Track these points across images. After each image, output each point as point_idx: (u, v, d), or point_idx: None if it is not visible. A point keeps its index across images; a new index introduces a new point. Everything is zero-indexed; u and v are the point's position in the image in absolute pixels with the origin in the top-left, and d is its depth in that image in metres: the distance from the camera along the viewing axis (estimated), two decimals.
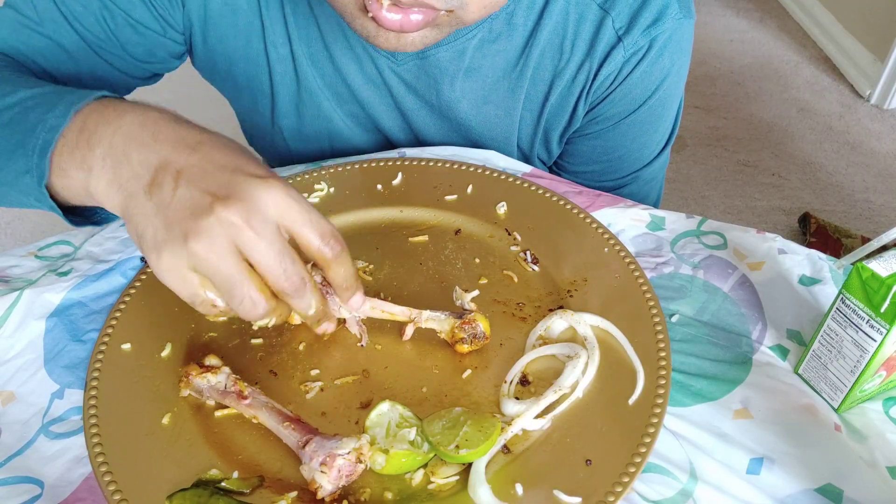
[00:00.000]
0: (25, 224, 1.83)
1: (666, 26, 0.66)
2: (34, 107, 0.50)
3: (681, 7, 0.66)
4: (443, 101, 0.72)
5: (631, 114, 0.72)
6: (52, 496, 0.46)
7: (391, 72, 0.70)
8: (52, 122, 0.47)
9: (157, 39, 0.69)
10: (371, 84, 0.72)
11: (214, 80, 0.77)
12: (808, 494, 0.45)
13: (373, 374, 0.52)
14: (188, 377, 0.50)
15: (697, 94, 2.29)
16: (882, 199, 1.92)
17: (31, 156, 0.47)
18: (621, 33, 0.66)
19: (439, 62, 0.68)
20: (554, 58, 0.69)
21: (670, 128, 0.77)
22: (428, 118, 0.74)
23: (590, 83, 0.69)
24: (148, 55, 0.70)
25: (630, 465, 0.45)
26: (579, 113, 0.72)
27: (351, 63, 0.70)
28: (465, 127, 0.74)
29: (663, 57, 0.68)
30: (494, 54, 0.69)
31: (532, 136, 0.75)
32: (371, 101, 0.73)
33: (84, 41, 0.66)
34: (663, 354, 0.52)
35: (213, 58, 0.73)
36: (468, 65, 0.69)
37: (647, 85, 0.70)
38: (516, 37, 0.68)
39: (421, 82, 0.71)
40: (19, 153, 0.48)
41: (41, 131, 0.47)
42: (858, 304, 0.47)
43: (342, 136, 0.77)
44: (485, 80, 0.71)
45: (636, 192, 0.80)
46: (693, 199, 1.93)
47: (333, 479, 0.43)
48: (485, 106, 0.72)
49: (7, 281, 0.60)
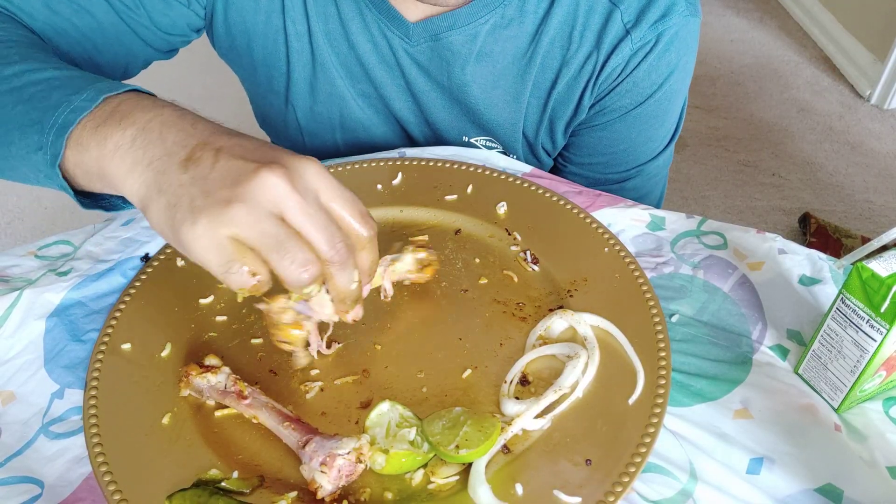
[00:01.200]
0: (25, 224, 1.83)
1: (673, 22, 0.67)
2: (60, 87, 0.49)
3: (688, 5, 0.67)
4: (454, 83, 0.73)
5: (637, 107, 0.73)
6: (52, 496, 0.46)
7: (405, 53, 0.71)
8: (78, 104, 0.47)
9: (181, 10, 0.70)
10: (384, 64, 0.73)
11: (231, 56, 0.78)
12: (808, 494, 0.45)
13: (373, 374, 0.52)
14: (188, 377, 0.50)
15: (697, 94, 2.29)
16: (882, 199, 1.92)
17: (47, 133, 0.47)
18: (629, 27, 0.67)
19: (452, 45, 0.69)
20: (563, 47, 0.70)
21: (675, 124, 0.78)
22: (438, 100, 0.75)
23: (596, 74, 0.70)
24: (171, 26, 0.71)
25: (630, 465, 0.45)
26: (585, 103, 0.73)
27: (366, 42, 0.71)
28: (473, 110, 0.75)
29: (669, 52, 0.69)
30: (506, 40, 0.70)
31: (538, 124, 0.76)
32: (383, 81, 0.74)
33: (113, 8, 0.66)
34: (663, 354, 0.52)
35: (231, 33, 0.73)
36: (480, 49, 0.70)
37: (653, 79, 0.70)
38: (527, 24, 0.69)
39: (433, 64, 0.72)
40: (35, 129, 0.48)
41: (64, 111, 0.47)
42: (858, 304, 0.47)
43: (353, 116, 0.78)
44: (495, 65, 0.71)
45: (640, 187, 0.80)
46: (693, 199, 1.93)
47: (333, 478, 0.43)
48: (494, 90, 0.73)
49: (7, 281, 0.60)
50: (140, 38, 0.70)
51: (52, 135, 0.46)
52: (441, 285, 0.59)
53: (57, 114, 0.47)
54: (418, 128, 0.78)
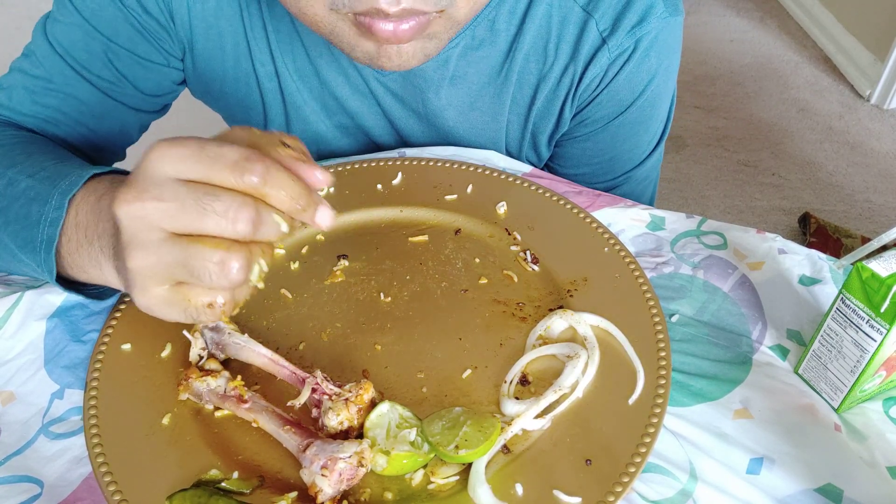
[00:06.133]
0: None
1: (651, 26, 0.65)
2: (34, 199, 0.51)
3: (666, 5, 0.65)
4: (429, 109, 0.72)
5: (619, 115, 0.71)
6: (52, 496, 0.46)
7: (377, 82, 0.70)
8: (52, 216, 0.49)
9: (162, 71, 0.70)
10: (358, 94, 0.72)
11: (208, 100, 0.78)
12: (808, 494, 0.45)
13: (373, 374, 0.52)
14: (187, 381, 0.50)
15: (697, 94, 2.29)
16: (882, 199, 1.92)
17: (38, 252, 0.49)
18: (605, 35, 0.65)
19: (423, 72, 0.68)
20: (538, 62, 0.68)
21: (662, 126, 0.76)
22: (416, 126, 0.74)
23: (575, 86, 0.69)
24: (157, 88, 0.71)
25: (630, 465, 0.45)
26: (566, 116, 0.72)
27: (337, 76, 0.71)
28: (452, 134, 0.74)
29: (649, 57, 0.67)
30: (478, 61, 0.69)
31: (520, 140, 0.75)
32: (359, 112, 0.73)
33: (96, 88, 0.67)
34: (663, 354, 0.52)
35: (204, 80, 0.73)
36: (453, 73, 0.69)
37: (634, 86, 0.69)
38: (500, 42, 0.68)
39: (407, 92, 0.71)
40: (29, 250, 0.50)
41: (44, 227, 0.49)
42: (858, 304, 0.47)
43: (331, 147, 0.78)
44: (470, 87, 0.70)
45: (629, 193, 0.80)
46: (693, 199, 1.93)
47: (334, 482, 0.43)
48: (471, 112, 0.72)
49: (9, 284, 0.60)
50: (131, 109, 0.70)
51: (42, 253, 0.49)
52: (441, 285, 0.59)
53: (40, 230, 0.49)
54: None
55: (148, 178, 0.39)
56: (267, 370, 0.51)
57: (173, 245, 0.39)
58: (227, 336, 0.52)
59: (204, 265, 0.39)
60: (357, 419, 0.47)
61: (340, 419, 0.46)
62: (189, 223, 0.39)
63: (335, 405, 0.47)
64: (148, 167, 0.39)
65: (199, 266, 0.39)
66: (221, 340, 0.52)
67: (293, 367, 0.50)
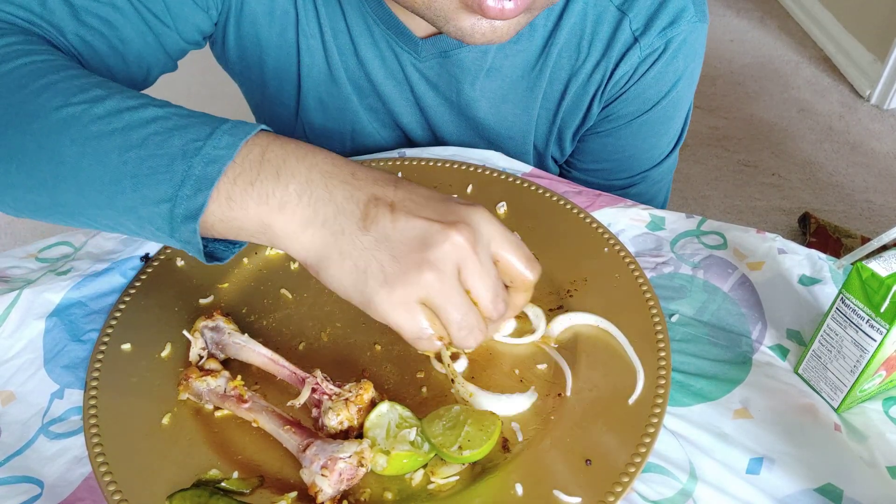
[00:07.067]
0: (26, 224, 1.83)
1: (682, 28, 0.67)
2: (176, 129, 0.44)
3: (696, 11, 0.67)
4: (462, 99, 0.72)
5: (644, 113, 0.73)
6: (52, 496, 0.46)
7: (413, 68, 0.70)
8: (215, 153, 0.42)
9: (199, 16, 0.66)
10: (393, 79, 0.72)
11: (240, 68, 0.75)
12: (808, 494, 0.45)
13: (373, 375, 0.52)
14: (187, 380, 0.50)
15: (697, 94, 2.28)
16: (882, 199, 1.92)
17: (178, 186, 0.42)
18: (638, 34, 0.67)
19: (462, 62, 0.69)
20: (571, 57, 0.69)
21: (679, 130, 0.78)
22: (446, 115, 0.75)
23: (605, 82, 0.70)
24: (190, 34, 0.67)
25: (630, 465, 0.45)
26: (594, 112, 0.73)
27: (375, 58, 0.71)
28: (482, 126, 0.75)
29: (677, 59, 0.69)
30: (515, 54, 0.69)
31: (547, 135, 0.76)
32: (391, 97, 0.74)
33: (140, 16, 0.62)
34: (663, 354, 0.52)
35: (243, 45, 0.72)
36: (490, 65, 0.70)
37: (660, 86, 0.71)
38: (537, 37, 0.69)
39: (442, 80, 0.71)
40: (158, 180, 0.42)
41: (199, 162, 0.42)
42: (858, 304, 0.47)
43: (363, 131, 0.78)
44: (504, 80, 0.71)
45: (644, 193, 0.81)
46: (693, 199, 1.93)
47: (334, 482, 0.43)
48: (503, 105, 0.73)
49: (7, 281, 0.60)
50: (163, 48, 0.65)
51: (187, 188, 0.42)
52: None
53: (191, 164, 0.42)
54: (426, 141, 0.78)
55: (478, 229, 0.43)
56: (267, 370, 0.51)
57: (463, 294, 0.43)
58: (227, 336, 0.52)
59: (472, 322, 0.44)
60: (357, 419, 0.47)
61: (340, 419, 0.46)
62: (477, 290, 0.44)
63: (335, 405, 0.47)
64: (481, 219, 0.44)
65: (469, 321, 0.43)
66: (221, 340, 0.52)
67: (293, 367, 0.50)
